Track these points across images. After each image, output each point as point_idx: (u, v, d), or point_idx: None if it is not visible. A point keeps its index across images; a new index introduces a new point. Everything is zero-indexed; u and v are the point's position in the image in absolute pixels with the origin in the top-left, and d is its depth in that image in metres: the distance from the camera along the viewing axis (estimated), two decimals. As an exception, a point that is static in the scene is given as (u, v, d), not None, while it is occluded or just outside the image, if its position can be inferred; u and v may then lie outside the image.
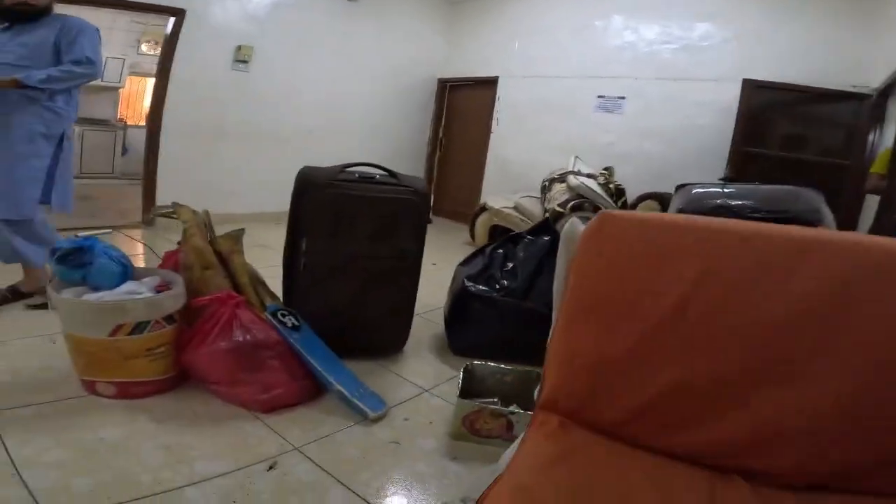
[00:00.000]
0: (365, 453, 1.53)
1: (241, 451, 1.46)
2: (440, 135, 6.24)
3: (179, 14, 4.06)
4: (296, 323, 1.86)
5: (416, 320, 2.27)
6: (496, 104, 5.51)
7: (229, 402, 1.69)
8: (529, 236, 2.35)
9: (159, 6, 4.01)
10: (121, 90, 6.95)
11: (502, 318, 2.13)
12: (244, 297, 1.83)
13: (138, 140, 5.62)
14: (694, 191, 2.28)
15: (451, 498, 1.37)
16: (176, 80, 4.15)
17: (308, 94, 4.95)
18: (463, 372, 1.79)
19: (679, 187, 2.43)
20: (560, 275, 1.15)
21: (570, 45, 4.94)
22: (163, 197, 4.12)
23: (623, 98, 4.60)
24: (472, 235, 4.51)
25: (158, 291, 1.73)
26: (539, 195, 4.34)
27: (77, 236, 1.68)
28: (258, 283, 2.03)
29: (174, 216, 1.93)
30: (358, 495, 1.35)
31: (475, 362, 1.86)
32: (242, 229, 1.99)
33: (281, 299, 2.07)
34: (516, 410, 1.63)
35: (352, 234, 1.96)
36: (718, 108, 4.13)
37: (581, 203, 3.64)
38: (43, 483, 1.22)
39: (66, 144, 2.29)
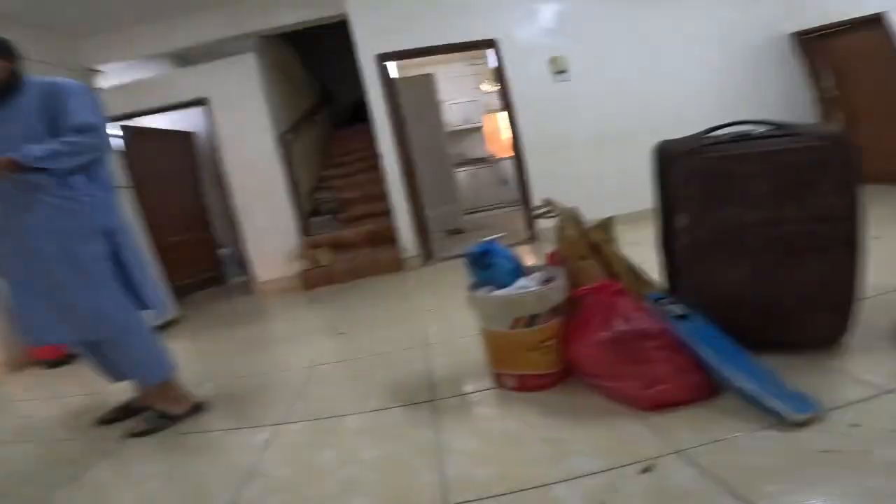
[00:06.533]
0: (776, 462, 1.20)
1: (615, 449, 1.38)
2: (829, 92, 4.84)
3: (493, 44, 4.64)
4: (682, 311, 1.66)
5: (863, 305, 1.69)
6: None
7: (610, 398, 1.64)
8: None
9: (474, 42, 4.69)
10: (483, 129, 8.30)
11: None
12: (621, 284, 1.77)
13: (510, 170, 6.58)
14: None
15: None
16: (517, 105, 4.70)
17: (637, 86, 4.79)
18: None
19: None
20: None
21: None
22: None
23: None
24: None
25: (545, 285, 1.87)
26: None
27: (481, 242, 2.00)
28: (635, 271, 1.94)
29: (548, 214, 2.07)
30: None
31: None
32: (611, 218, 1.96)
33: (662, 287, 1.91)
34: None
35: (742, 200, 1.62)
36: None
37: None
38: (452, 471, 1.43)
39: (122, 240, 1.87)
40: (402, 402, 1.92)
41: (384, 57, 4.59)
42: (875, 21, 4.16)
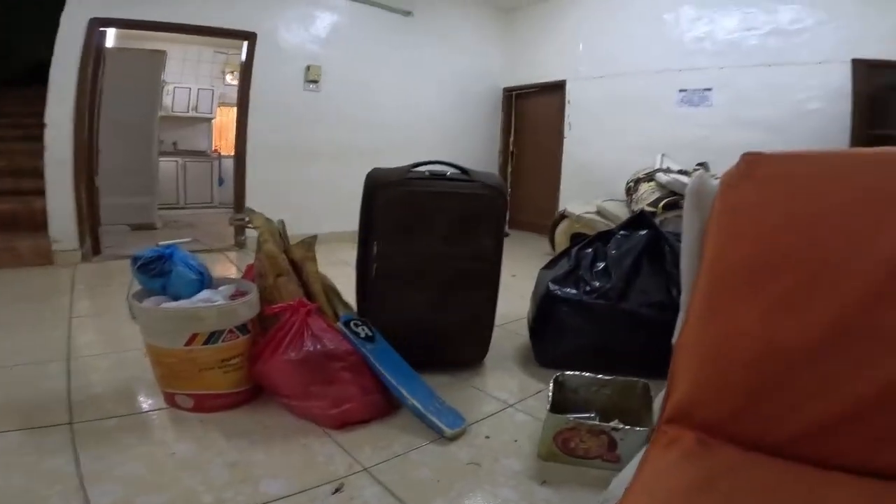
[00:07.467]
0: (440, 475, 1.36)
1: (307, 470, 1.35)
2: (511, 145, 6.11)
3: (251, 38, 4.27)
4: (369, 333, 1.74)
5: (497, 332, 2.08)
6: (566, 108, 5.31)
7: (301, 417, 1.60)
8: (623, 232, 2.09)
9: (232, 30, 4.24)
10: (213, 121, 7.39)
11: (594, 323, 1.89)
12: (316, 305, 1.75)
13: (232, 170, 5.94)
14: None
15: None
16: (255, 106, 4.35)
17: (378, 111, 5.03)
18: (553, 383, 1.57)
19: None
20: (690, 244, 0.92)
21: (638, 41, 4.72)
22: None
23: (709, 90, 4.28)
24: (553, 245, 4.29)
25: (234, 300, 1.69)
26: (624, 198, 4.09)
27: (158, 245, 1.69)
28: (331, 291, 1.95)
29: (250, 225, 1.91)
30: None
31: (566, 373, 1.63)
32: (315, 236, 1.93)
33: (355, 309, 1.97)
34: (620, 426, 1.39)
35: (425, 234, 1.82)
36: (828, 91, 3.66)
37: (676, 200, 3.33)
38: (105, 500, 1.18)
39: None
40: (20, 427, 1.49)
41: (102, 22, 3.70)
42: (559, 87, 5.33)
